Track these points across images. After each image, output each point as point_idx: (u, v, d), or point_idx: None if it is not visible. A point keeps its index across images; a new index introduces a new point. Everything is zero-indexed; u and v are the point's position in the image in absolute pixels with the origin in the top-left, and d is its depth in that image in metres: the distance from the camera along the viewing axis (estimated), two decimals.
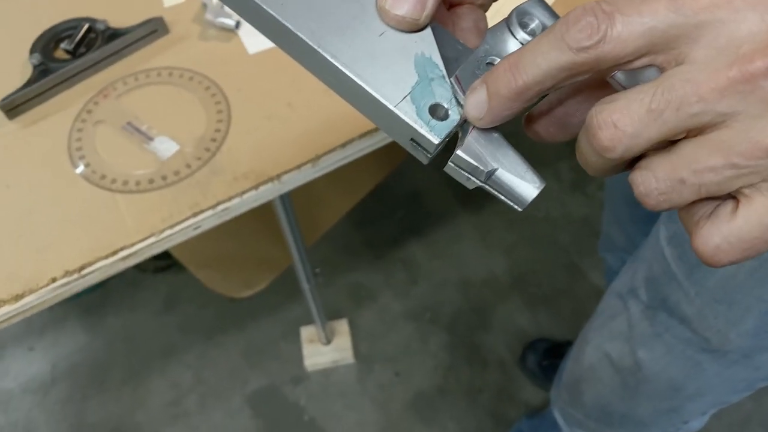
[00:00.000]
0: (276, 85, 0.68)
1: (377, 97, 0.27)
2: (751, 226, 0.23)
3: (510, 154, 0.28)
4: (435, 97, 0.28)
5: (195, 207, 0.60)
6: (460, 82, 0.28)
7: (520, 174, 0.28)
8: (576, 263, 1.50)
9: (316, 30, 0.28)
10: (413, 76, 0.28)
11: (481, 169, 0.27)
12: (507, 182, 0.28)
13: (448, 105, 0.28)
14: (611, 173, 0.27)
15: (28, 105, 0.67)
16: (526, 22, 0.28)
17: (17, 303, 0.57)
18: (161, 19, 0.71)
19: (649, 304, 0.68)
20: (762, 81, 0.21)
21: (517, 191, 0.28)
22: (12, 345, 1.44)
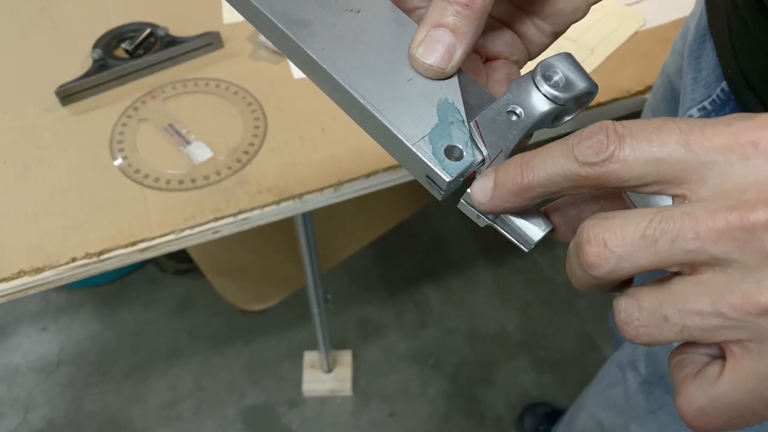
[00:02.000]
0: (313, 110, 0.71)
1: (398, 135, 0.30)
2: (738, 393, 0.22)
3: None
4: (452, 139, 0.30)
5: (217, 212, 0.63)
6: (479, 126, 0.30)
7: (527, 216, 0.29)
8: (589, 333, 1.48)
9: (350, 73, 0.30)
10: (434, 119, 0.30)
11: (482, 209, 0.29)
12: (514, 222, 0.29)
13: (463, 147, 0.30)
14: (595, 291, 0.26)
15: (82, 95, 0.72)
16: (550, 75, 0.30)
17: (36, 276, 0.59)
18: (218, 34, 0.75)
19: (648, 378, 0.68)
20: (762, 233, 0.21)
21: (523, 232, 0.29)
22: (27, 322, 1.48)
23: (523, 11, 0.36)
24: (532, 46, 0.37)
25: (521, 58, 0.37)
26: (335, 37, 0.31)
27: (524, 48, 0.36)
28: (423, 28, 0.30)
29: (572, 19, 0.36)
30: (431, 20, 0.29)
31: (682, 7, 0.78)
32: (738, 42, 0.50)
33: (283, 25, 0.31)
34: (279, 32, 0.31)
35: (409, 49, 0.30)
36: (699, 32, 0.57)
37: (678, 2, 0.80)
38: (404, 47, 0.31)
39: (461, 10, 0.29)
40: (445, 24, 0.29)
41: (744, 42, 0.49)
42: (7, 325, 1.48)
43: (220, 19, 0.80)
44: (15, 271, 0.59)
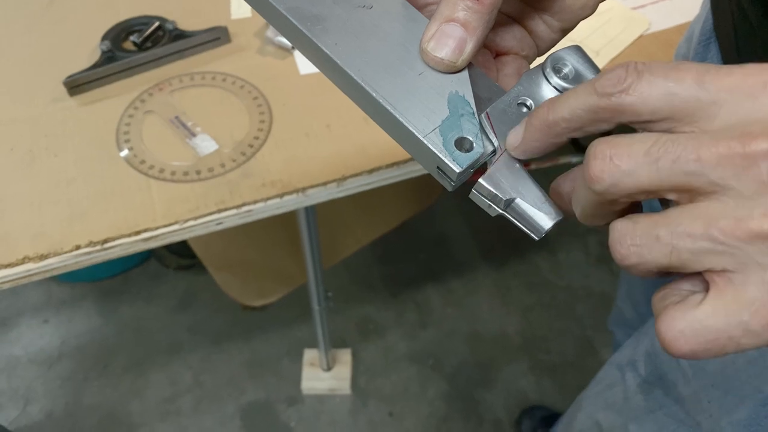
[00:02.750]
0: (319, 105, 0.71)
1: (410, 128, 0.30)
2: (717, 318, 0.23)
3: (530, 186, 0.30)
4: (462, 131, 0.30)
5: (221, 204, 0.63)
6: (489, 118, 0.31)
7: (537, 205, 0.29)
8: (589, 337, 1.48)
9: (363, 68, 0.31)
10: (444, 112, 0.31)
11: (500, 197, 0.29)
12: (525, 211, 0.29)
13: (473, 139, 0.30)
14: (597, 219, 0.27)
15: (90, 86, 0.72)
16: (559, 67, 0.30)
17: (40, 262, 0.60)
18: (225, 29, 0.76)
19: (647, 378, 0.68)
20: (761, 161, 0.21)
21: (533, 220, 0.29)
22: (29, 314, 1.49)
23: (532, 7, 0.36)
24: (541, 42, 0.37)
25: (530, 53, 0.37)
26: (348, 32, 0.32)
27: (533, 44, 0.37)
28: (434, 22, 0.30)
29: (580, 16, 0.37)
30: (442, 15, 0.30)
31: (687, 12, 0.79)
32: (743, 44, 0.50)
33: (297, 20, 0.32)
34: (293, 28, 0.32)
35: (421, 43, 0.31)
36: (704, 35, 0.57)
37: (682, 7, 0.80)
38: (416, 42, 0.32)
39: (472, 5, 0.30)
40: (456, 19, 0.30)
41: (749, 44, 0.50)
42: (9, 316, 1.48)
43: (228, 14, 0.80)
44: (20, 257, 0.60)
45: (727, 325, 0.22)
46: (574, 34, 0.71)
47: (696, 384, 0.61)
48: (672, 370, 0.63)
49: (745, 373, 0.56)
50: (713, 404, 0.59)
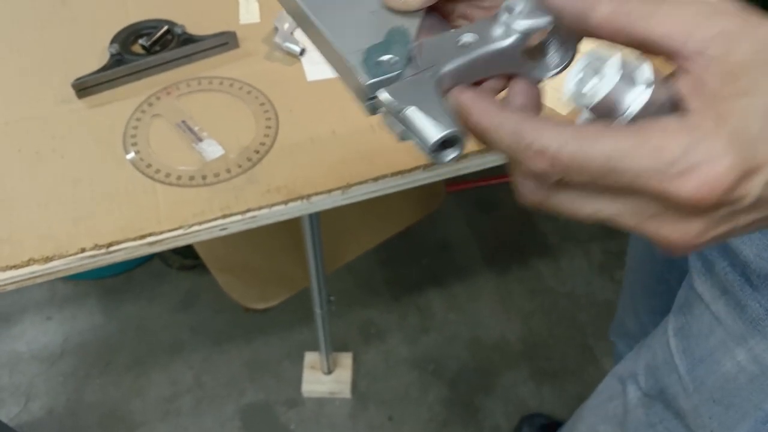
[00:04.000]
0: (325, 112, 0.71)
1: (336, 46, 0.31)
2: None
3: (433, 100, 0.29)
4: (387, 54, 0.31)
5: (226, 209, 0.63)
6: (421, 46, 0.31)
7: (433, 116, 0.28)
8: (590, 345, 1.48)
9: (317, 3, 0.32)
10: (379, 39, 0.31)
11: (395, 104, 0.29)
12: (416, 121, 0.28)
13: (395, 62, 0.30)
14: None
15: (98, 88, 0.73)
16: (512, 7, 0.30)
17: (45, 264, 0.60)
18: (234, 34, 0.76)
19: (647, 392, 0.68)
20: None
21: (423, 131, 0.28)
22: (32, 311, 1.49)
23: None
24: None
25: None
26: None
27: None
28: None
29: None
30: None
31: None
32: None
33: None
34: None
35: None
36: None
37: None
38: None
39: None
40: None
41: None
42: (13, 313, 1.49)
43: (237, 19, 0.81)
44: (25, 259, 0.60)
45: None
46: None
47: (697, 398, 0.61)
48: (673, 384, 0.63)
49: (746, 389, 0.56)
50: (714, 420, 0.59)
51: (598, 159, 0.25)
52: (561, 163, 0.25)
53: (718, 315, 0.56)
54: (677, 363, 0.62)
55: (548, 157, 0.25)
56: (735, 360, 0.55)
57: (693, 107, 0.25)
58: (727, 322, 0.55)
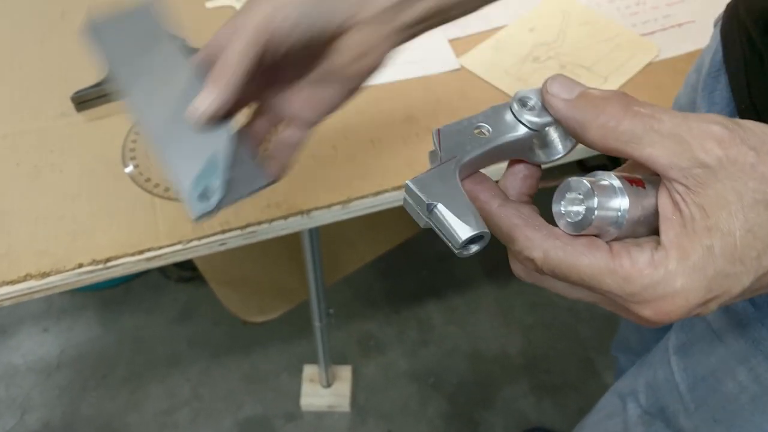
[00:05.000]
0: (325, 127, 0.70)
1: (172, 177, 0.40)
2: None
3: (459, 196, 0.30)
4: (208, 181, 0.39)
5: (225, 225, 0.63)
6: (440, 135, 0.32)
7: (459, 214, 0.29)
8: (591, 359, 1.47)
9: (155, 128, 0.41)
10: (201, 167, 0.40)
11: (423, 199, 0.30)
12: (445, 219, 0.29)
13: (213, 193, 0.39)
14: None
15: (97, 102, 0.72)
16: (525, 101, 0.32)
17: (42, 280, 0.60)
18: None
19: (648, 409, 0.67)
20: None
21: (452, 230, 0.29)
22: (29, 322, 1.49)
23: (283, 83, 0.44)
24: (327, 105, 0.45)
25: (312, 117, 0.46)
26: (149, 97, 0.42)
27: (316, 107, 0.45)
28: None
29: (360, 72, 0.43)
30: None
31: (697, 40, 0.79)
32: (752, 77, 0.50)
33: (117, 75, 0.44)
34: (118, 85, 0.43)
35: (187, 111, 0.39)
36: (714, 66, 0.57)
37: (692, 35, 0.80)
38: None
39: (218, 74, 0.39)
40: (208, 83, 0.39)
41: (759, 77, 0.49)
42: (9, 324, 1.48)
43: None
44: (22, 274, 0.59)
45: None
46: (582, 59, 0.72)
47: (697, 418, 0.60)
48: (673, 403, 0.62)
49: (747, 409, 0.55)
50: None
51: (577, 273, 0.29)
52: (545, 268, 0.30)
53: (719, 333, 0.56)
54: (678, 381, 0.62)
55: (535, 263, 0.30)
56: (736, 380, 0.55)
57: (665, 240, 0.28)
58: (729, 340, 0.55)
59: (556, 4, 0.83)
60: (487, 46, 0.79)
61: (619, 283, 0.28)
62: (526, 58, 0.77)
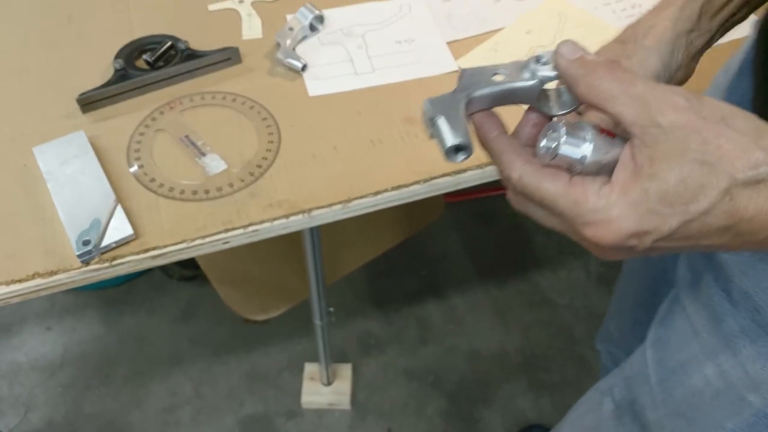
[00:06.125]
0: (326, 127, 0.72)
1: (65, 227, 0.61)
2: None
3: (457, 116, 0.38)
4: (89, 236, 0.61)
5: (228, 224, 0.64)
6: (462, 74, 0.40)
7: (453, 127, 0.37)
8: (588, 357, 1.48)
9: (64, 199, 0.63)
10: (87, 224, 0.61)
11: (429, 112, 0.38)
12: (441, 128, 0.38)
13: (93, 239, 0.60)
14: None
15: (102, 103, 0.74)
16: (540, 57, 0.39)
17: (49, 278, 0.61)
18: (237, 49, 0.77)
19: (619, 403, 0.68)
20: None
21: (444, 137, 0.38)
22: (32, 321, 1.50)
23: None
24: None
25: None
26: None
27: None
28: None
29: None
30: None
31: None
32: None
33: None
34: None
35: None
36: (740, 69, 0.58)
37: None
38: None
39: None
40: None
41: None
42: (12, 323, 1.49)
43: (239, 34, 0.82)
44: (29, 273, 0.61)
45: None
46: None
47: (663, 410, 0.61)
48: (643, 395, 0.63)
49: (709, 405, 0.56)
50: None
51: (540, 193, 0.36)
52: (518, 187, 0.37)
53: (696, 327, 0.56)
54: (650, 374, 0.62)
55: (512, 182, 0.38)
56: (703, 374, 0.55)
57: (614, 178, 0.34)
58: (703, 335, 0.55)
59: (553, 6, 0.85)
60: (484, 49, 0.80)
61: (569, 205, 0.35)
62: None
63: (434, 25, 0.83)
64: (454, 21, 0.84)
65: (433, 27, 0.83)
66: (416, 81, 0.77)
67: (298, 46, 0.80)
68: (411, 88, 0.77)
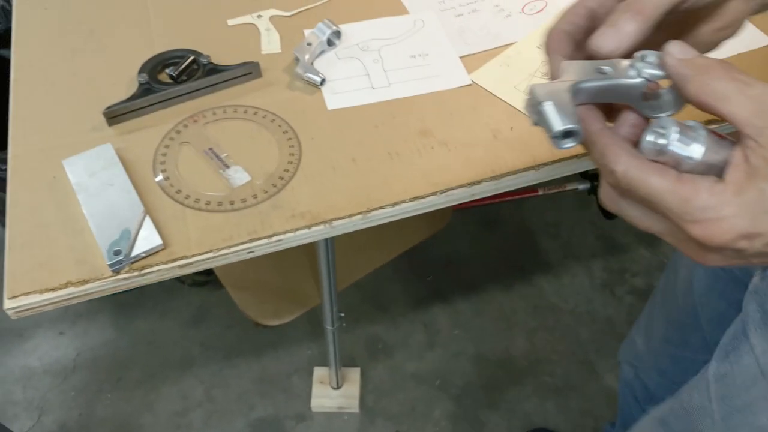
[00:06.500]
0: (345, 140, 0.75)
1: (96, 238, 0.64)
2: None
3: (566, 102, 0.37)
4: (119, 246, 0.63)
5: (253, 234, 0.67)
6: (569, 66, 0.40)
7: (561, 112, 0.37)
8: (592, 361, 1.51)
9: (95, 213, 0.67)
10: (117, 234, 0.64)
11: (538, 97, 0.38)
12: (549, 113, 0.37)
13: (121, 252, 0.63)
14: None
15: (127, 116, 0.76)
16: (645, 56, 0.39)
17: (81, 287, 0.63)
18: (257, 64, 0.80)
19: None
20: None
21: (552, 121, 0.37)
22: (45, 326, 1.52)
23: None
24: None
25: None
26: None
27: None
28: None
29: (720, 39, 0.45)
30: None
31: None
32: None
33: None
34: None
35: None
36: None
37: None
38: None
39: (639, 10, 0.41)
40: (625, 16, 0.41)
41: None
42: (26, 328, 1.51)
43: (258, 49, 0.84)
44: (63, 282, 0.63)
45: None
46: None
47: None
48: (705, 428, 0.63)
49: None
50: None
51: (646, 188, 0.35)
52: (623, 181, 0.36)
53: (764, 369, 0.57)
54: (714, 409, 0.62)
55: (616, 176, 0.36)
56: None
57: (728, 178, 0.34)
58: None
59: None
60: (496, 63, 0.83)
61: (678, 202, 0.34)
62: (534, 74, 0.81)
63: (447, 40, 0.86)
64: (466, 36, 0.86)
65: (446, 42, 0.85)
66: (431, 95, 0.80)
67: (315, 60, 0.83)
68: (426, 101, 0.79)
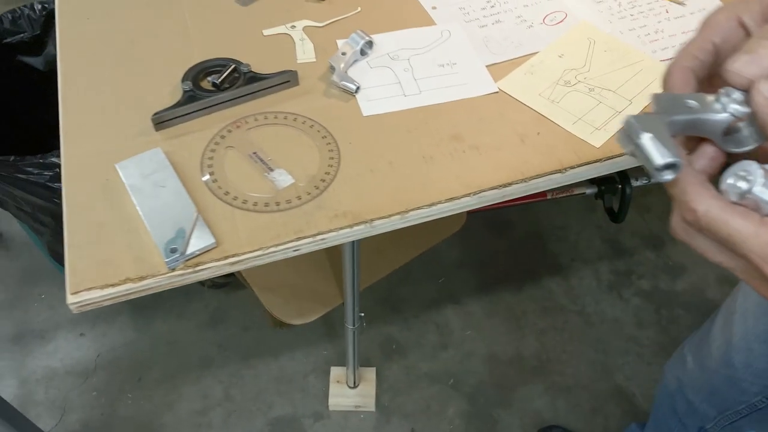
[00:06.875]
0: (381, 144, 0.79)
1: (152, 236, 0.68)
2: None
3: (664, 134, 0.37)
4: (175, 244, 0.67)
5: (299, 233, 0.70)
6: (657, 100, 0.40)
7: (662, 145, 0.37)
8: (601, 361, 1.55)
9: (151, 212, 0.71)
10: (173, 233, 0.67)
11: (638, 128, 0.37)
12: (649, 145, 0.37)
13: (177, 250, 0.66)
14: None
15: (173, 122, 0.80)
16: (730, 93, 0.39)
17: (139, 283, 0.67)
18: (295, 72, 0.84)
19: None
20: None
21: (653, 155, 0.37)
22: (66, 327, 1.55)
23: None
24: None
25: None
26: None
27: None
28: None
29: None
30: None
31: None
32: None
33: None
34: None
35: None
36: None
37: None
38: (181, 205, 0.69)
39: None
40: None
41: None
42: (47, 330, 1.54)
43: (294, 58, 0.88)
44: (122, 278, 0.66)
45: None
46: (608, 83, 0.82)
47: None
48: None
49: None
50: None
51: (727, 230, 0.35)
52: (702, 221, 0.36)
53: None
54: None
55: (696, 214, 0.36)
56: None
57: None
58: None
59: (582, 32, 0.92)
60: (521, 71, 0.87)
61: (761, 246, 0.34)
62: (557, 81, 0.86)
63: (473, 50, 0.90)
64: (491, 45, 0.91)
65: (472, 51, 0.90)
66: (460, 102, 0.84)
67: (349, 69, 0.87)
68: (456, 108, 0.84)
